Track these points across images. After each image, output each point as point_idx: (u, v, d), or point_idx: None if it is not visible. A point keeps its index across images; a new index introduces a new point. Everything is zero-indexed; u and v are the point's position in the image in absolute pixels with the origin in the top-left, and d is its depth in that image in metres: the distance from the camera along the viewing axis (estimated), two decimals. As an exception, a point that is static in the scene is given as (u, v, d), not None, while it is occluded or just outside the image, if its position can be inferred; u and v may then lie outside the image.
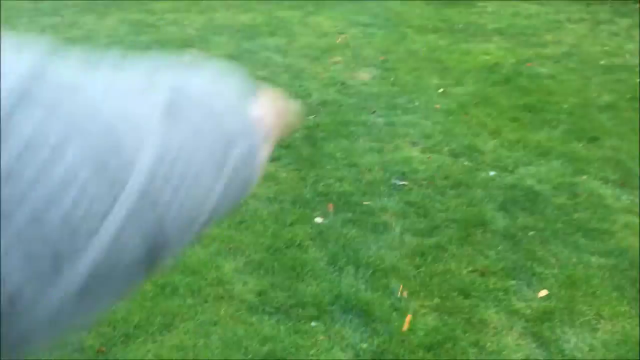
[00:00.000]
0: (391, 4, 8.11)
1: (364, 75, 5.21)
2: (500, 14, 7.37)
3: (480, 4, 8.03)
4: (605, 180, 3.26)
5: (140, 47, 6.12)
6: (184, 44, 6.22)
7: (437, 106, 4.40)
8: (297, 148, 3.75)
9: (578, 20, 6.93)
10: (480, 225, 2.86)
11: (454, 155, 3.63)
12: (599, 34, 6.33)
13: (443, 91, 4.73)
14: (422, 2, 8.18)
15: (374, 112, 4.35)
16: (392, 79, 5.06)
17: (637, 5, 7.59)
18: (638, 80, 4.75)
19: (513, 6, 7.78)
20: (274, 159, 3.61)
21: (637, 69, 5.06)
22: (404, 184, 3.28)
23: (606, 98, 4.42)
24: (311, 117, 4.25)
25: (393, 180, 3.32)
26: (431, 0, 8.32)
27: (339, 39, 6.33)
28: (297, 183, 3.31)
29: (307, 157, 3.62)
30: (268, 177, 3.38)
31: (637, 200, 3.04)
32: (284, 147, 3.77)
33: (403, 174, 3.40)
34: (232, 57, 5.82)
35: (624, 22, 6.82)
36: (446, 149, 3.71)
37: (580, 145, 3.70)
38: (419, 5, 7.96)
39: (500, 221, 2.89)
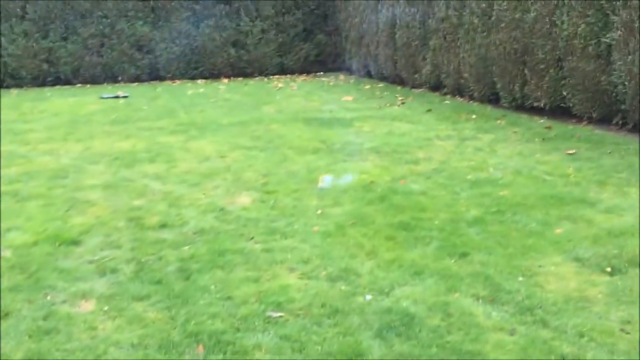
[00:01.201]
0: (273, 127, 8.36)
1: (244, 199, 5.19)
2: (375, 133, 7.77)
3: (357, 124, 8.46)
4: (476, 297, 3.31)
5: (7, 180, 5.78)
6: (55, 175, 5.96)
7: (316, 228, 4.40)
8: (168, 283, 3.55)
9: (446, 137, 7.44)
10: (357, 356, 2.76)
11: (331, 279, 3.58)
12: (464, 149, 6.79)
13: (321, 212, 4.77)
14: (302, 124, 8.49)
15: (252, 238, 4.27)
16: (272, 202, 5.06)
17: (498, 122, 8.31)
18: (501, 193, 5.06)
19: (387, 125, 8.26)
20: (142, 297, 3.38)
21: (500, 182, 5.41)
22: (280, 316, 3.16)
23: (474, 212, 4.63)
24: (186, 247, 4.10)
25: (269, 313, 3.19)
26: (311, 121, 8.68)
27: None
28: (166, 324, 3.09)
29: (179, 293, 3.42)
30: (133, 320, 3.13)
31: (507, 316, 3.10)
32: (154, 283, 3.56)
33: (279, 304, 3.28)
34: (108, 186, 5.62)
35: (487, 137, 7.40)
36: (323, 273, 3.66)
37: (452, 261, 3.78)
38: (299, 127, 8.26)
39: (376, 350, 2.81)
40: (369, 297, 3.35)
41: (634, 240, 3.97)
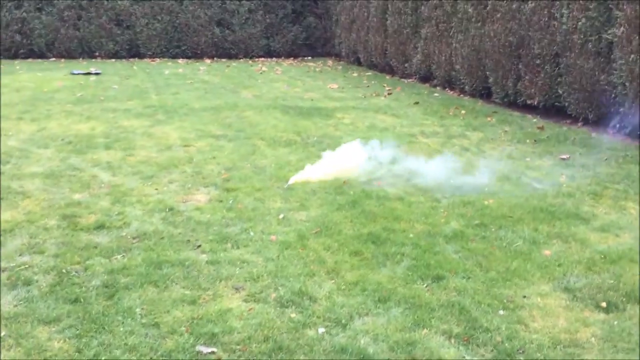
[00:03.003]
0: (247, 114, 7.77)
1: (200, 197, 4.64)
2: (357, 126, 7.22)
3: (338, 115, 7.89)
4: (448, 335, 2.79)
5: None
6: (-5, 160, 5.37)
7: (273, 237, 3.87)
8: (87, 302, 3.01)
9: (431, 134, 6.90)
10: (295, 414, 2.25)
11: (281, 304, 3.05)
12: (450, 148, 6.25)
13: (284, 217, 4.23)
14: (279, 112, 7.91)
15: (199, 246, 3.73)
16: (230, 201, 4.52)
17: (488, 119, 7.78)
18: (486, 202, 4.54)
19: (370, 118, 7.70)
20: (50, 320, 2.84)
21: (486, 189, 4.89)
22: (211, 352, 2.63)
23: (453, 225, 4.11)
24: (119, 256, 3.55)
25: (199, 347, 2.66)
26: (289, 109, 8.10)
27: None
28: (70, 358, 2.55)
29: (96, 316, 2.88)
30: (32, 351, 2.59)
31: (482, 363, 2.59)
32: (70, 302, 3.01)
33: (213, 336, 2.75)
34: (50, 175, 5.04)
35: (475, 136, 6.87)
36: (273, 295, 3.13)
37: (424, 285, 3.26)
38: (275, 116, 7.67)
39: (320, 407, 2.29)
40: (322, 329, 2.83)
41: (633, 268, 3.47)
